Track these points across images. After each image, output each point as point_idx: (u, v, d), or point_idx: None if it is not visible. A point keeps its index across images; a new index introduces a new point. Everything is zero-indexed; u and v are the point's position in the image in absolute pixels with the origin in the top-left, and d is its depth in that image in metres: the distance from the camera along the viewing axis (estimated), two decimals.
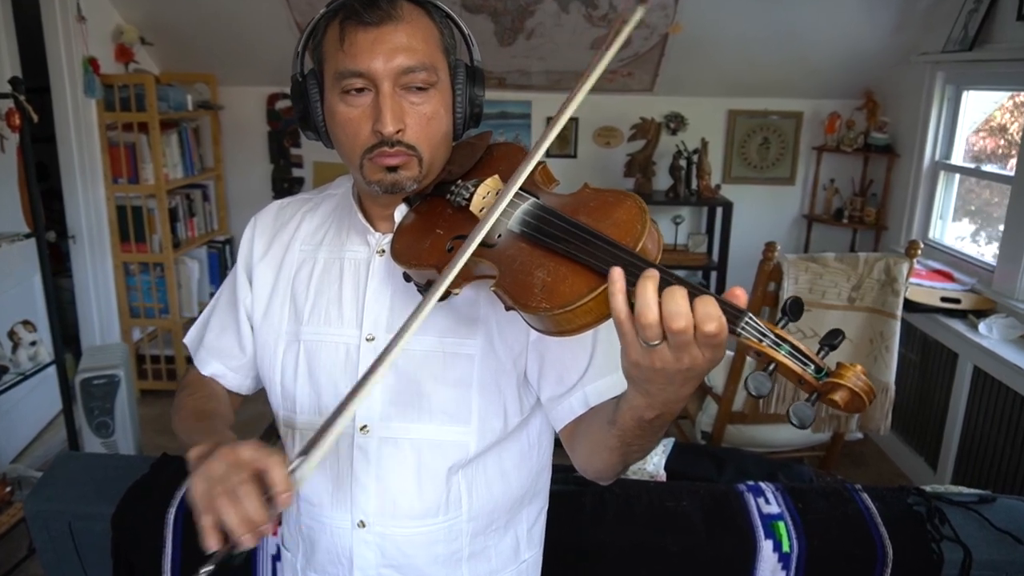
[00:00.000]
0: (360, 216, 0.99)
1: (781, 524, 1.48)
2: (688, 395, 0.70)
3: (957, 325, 2.84)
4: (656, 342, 0.63)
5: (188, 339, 1.15)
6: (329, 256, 1.01)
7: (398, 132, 0.86)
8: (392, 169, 0.88)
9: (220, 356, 1.09)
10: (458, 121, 0.94)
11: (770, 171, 4.17)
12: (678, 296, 0.62)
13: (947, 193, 3.46)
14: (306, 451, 0.75)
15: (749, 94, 4.01)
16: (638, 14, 0.76)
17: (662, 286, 0.64)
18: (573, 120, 4.11)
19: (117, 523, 1.51)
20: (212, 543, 0.71)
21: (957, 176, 3.42)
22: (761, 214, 4.18)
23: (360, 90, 0.86)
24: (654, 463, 1.96)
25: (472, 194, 0.88)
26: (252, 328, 1.07)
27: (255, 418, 3.18)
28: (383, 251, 0.97)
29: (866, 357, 2.59)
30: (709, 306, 0.61)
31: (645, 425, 0.75)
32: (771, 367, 0.64)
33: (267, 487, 0.73)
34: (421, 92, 0.88)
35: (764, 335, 0.63)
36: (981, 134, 3.38)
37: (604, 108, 4.06)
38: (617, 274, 0.65)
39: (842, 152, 3.90)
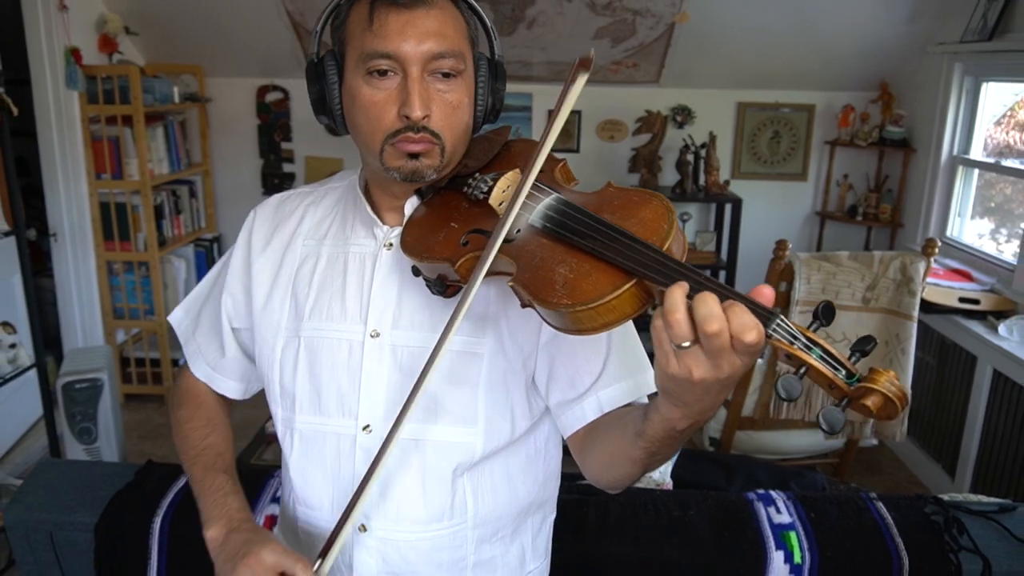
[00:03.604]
0: (367, 208, 0.99)
1: (793, 534, 1.48)
2: (721, 403, 0.70)
3: (976, 327, 2.84)
4: (686, 344, 0.63)
5: (175, 320, 1.16)
6: (333, 251, 1.01)
7: (424, 118, 0.87)
8: (414, 156, 0.89)
9: (207, 357, 1.12)
10: (479, 114, 0.96)
11: (781, 166, 4.18)
12: (709, 301, 0.62)
13: (965, 189, 3.46)
14: (324, 551, 0.88)
15: (759, 86, 4.01)
16: (581, 81, 0.78)
17: (691, 292, 0.64)
18: (576, 113, 4.11)
19: (101, 533, 1.51)
20: None
21: (976, 171, 3.43)
22: (772, 211, 4.18)
23: (385, 73, 0.87)
24: (660, 471, 1.96)
25: (492, 187, 0.88)
26: (233, 329, 1.09)
27: (244, 424, 3.19)
28: (391, 245, 0.97)
29: (881, 360, 2.59)
30: (744, 315, 0.61)
31: (676, 435, 0.75)
32: (802, 370, 0.64)
33: None
34: (447, 80, 0.89)
35: (796, 338, 0.64)
36: (1002, 126, 3.38)
37: (608, 101, 4.06)
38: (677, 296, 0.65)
39: (856, 146, 3.90)
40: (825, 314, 0.65)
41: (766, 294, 0.64)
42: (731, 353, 0.63)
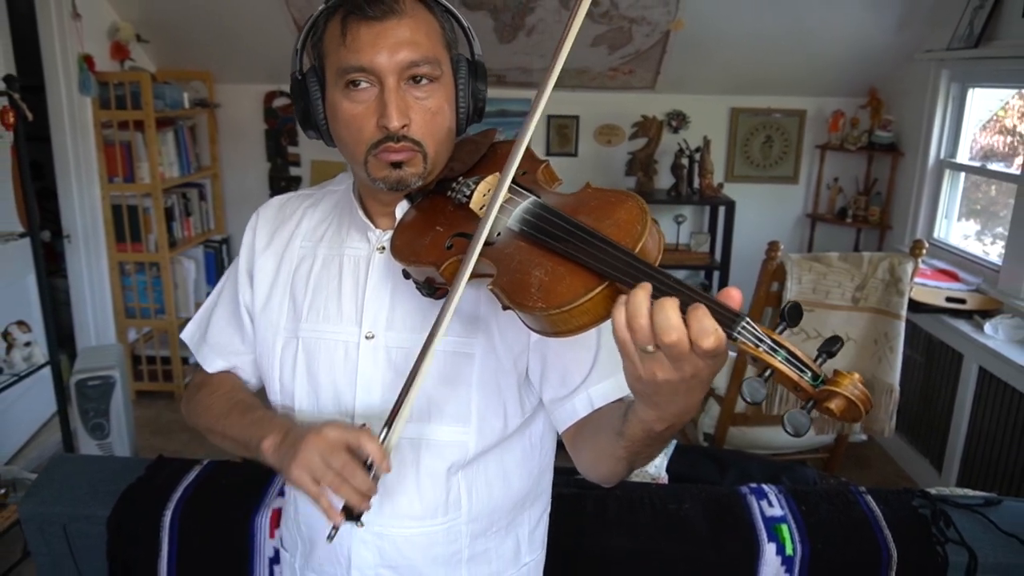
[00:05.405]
0: (361, 213, 0.99)
1: (784, 527, 1.48)
2: (697, 403, 0.69)
3: (962, 325, 2.84)
4: (651, 348, 0.62)
5: (187, 335, 1.15)
6: (329, 253, 1.01)
7: (403, 127, 0.86)
8: (397, 165, 0.88)
9: (224, 353, 1.10)
10: (461, 116, 0.94)
11: (773, 169, 4.17)
12: (668, 309, 0.61)
13: (952, 192, 3.46)
14: (390, 422, 0.83)
15: (752, 91, 4.01)
16: (585, 4, 0.74)
17: (657, 294, 0.63)
18: (574, 118, 4.11)
19: (113, 525, 1.51)
20: (337, 519, 0.83)
21: (962, 175, 3.42)
22: (764, 213, 4.18)
23: (362, 86, 0.86)
24: (656, 465, 1.97)
25: (472, 191, 0.88)
26: (252, 323, 1.07)
27: None
28: (383, 248, 0.97)
29: (870, 358, 2.59)
30: (704, 320, 0.60)
31: (655, 436, 0.74)
32: (767, 373, 0.63)
33: (362, 456, 0.82)
34: (425, 87, 0.88)
35: (761, 340, 0.62)
36: (988, 131, 3.38)
37: (605, 106, 4.06)
38: (620, 303, 0.64)
39: (846, 150, 3.90)
40: (791, 315, 0.64)
41: (734, 296, 0.63)
42: (692, 357, 0.61)
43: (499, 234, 0.81)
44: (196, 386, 1.12)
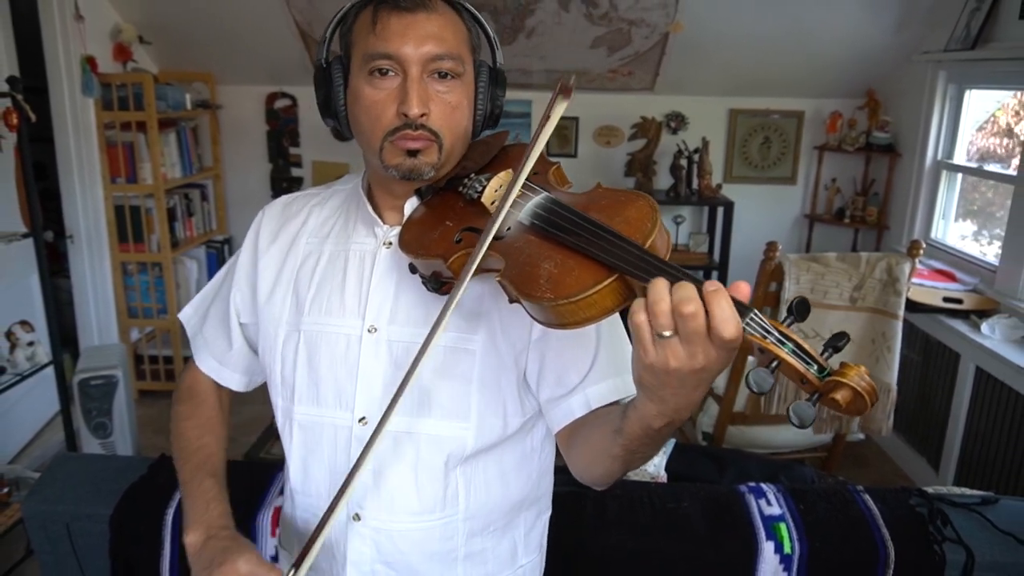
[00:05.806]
0: (369, 208, 1.00)
1: (783, 525, 1.48)
2: (698, 400, 0.69)
3: (959, 325, 2.84)
4: (668, 332, 0.63)
5: (185, 317, 1.16)
6: (335, 249, 1.01)
7: (423, 116, 0.87)
8: (412, 153, 0.89)
9: (215, 352, 1.12)
10: (478, 118, 0.96)
11: (771, 170, 4.17)
12: (687, 287, 0.62)
13: (949, 193, 3.46)
14: (298, 562, 0.86)
15: (750, 93, 4.01)
16: (562, 107, 0.77)
17: (673, 282, 0.64)
18: (573, 119, 4.11)
19: (115, 524, 1.51)
20: None
21: (959, 175, 3.43)
22: (762, 214, 4.18)
23: (386, 72, 0.88)
24: (655, 464, 1.97)
25: (485, 187, 0.88)
26: (241, 324, 1.09)
27: (255, 419, 3.19)
28: (390, 243, 0.97)
29: (868, 358, 2.59)
30: (725, 305, 0.60)
31: (653, 433, 0.74)
32: (774, 364, 0.63)
33: None
34: (447, 81, 0.89)
35: (768, 332, 0.63)
36: (985, 132, 3.38)
37: (604, 107, 4.06)
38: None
39: (844, 151, 3.90)
40: (799, 310, 0.64)
41: (742, 289, 0.64)
42: (706, 342, 0.62)
43: (509, 228, 0.82)
44: (184, 391, 1.13)
